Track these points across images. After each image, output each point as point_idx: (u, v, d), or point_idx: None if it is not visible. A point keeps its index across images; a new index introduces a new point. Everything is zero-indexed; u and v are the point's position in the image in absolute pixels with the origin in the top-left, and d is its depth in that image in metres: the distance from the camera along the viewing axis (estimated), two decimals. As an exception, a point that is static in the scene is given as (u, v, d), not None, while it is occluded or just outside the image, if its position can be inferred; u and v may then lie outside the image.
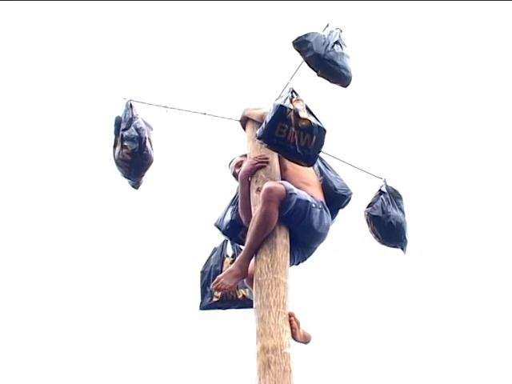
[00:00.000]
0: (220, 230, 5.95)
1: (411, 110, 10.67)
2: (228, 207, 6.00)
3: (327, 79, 5.75)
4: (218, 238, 6.05)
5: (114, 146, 5.89)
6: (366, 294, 9.92)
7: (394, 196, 6.20)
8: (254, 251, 5.27)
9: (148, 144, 5.85)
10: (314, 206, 5.47)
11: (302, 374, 4.98)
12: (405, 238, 6.15)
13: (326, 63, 5.65)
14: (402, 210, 6.18)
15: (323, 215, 5.53)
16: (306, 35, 5.71)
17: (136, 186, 6.02)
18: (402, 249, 6.18)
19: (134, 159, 5.80)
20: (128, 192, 6.10)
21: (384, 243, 6.21)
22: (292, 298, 5.26)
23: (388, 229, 6.09)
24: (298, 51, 5.70)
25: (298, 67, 5.82)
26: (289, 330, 5.00)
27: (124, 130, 5.83)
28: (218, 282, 5.27)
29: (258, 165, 5.61)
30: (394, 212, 6.10)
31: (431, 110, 11.01)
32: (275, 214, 5.29)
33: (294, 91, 5.52)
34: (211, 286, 5.41)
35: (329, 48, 5.65)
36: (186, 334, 9.72)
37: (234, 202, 5.97)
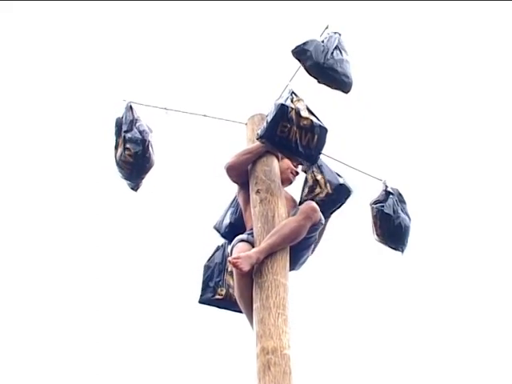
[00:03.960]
0: (219, 232, 5.97)
1: (411, 111, 10.68)
2: (227, 210, 6.01)
3: (328, 86, 5.74)
4: (217, 239, 6.05)
5: (116, 148, 5.89)
6: (366, 295, 9.93)
7: (399, 199, 6.20)
8: (273, 251, 5.25)
9: (150, 147, 5.86)
10: (312, 248, 5.62)
11: (301, 375, 4.98)
12: (407, 241, 6.16)
13: (325, 71, 5.62)
14: (407, 215, 6.20)
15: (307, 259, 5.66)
16: (304, 44, 5.66)
17: (135, 188, 6.03)
18: (402, 251, 6.20)
19: (136, 161, 5.80)
20: (128, 193, 6.11)
21: (386, 243, 6.19)
22: (292, 300, 5.27)
23: (396, 229, 6.08)
24: (298, 60, 5.68)
25: (298, 69, 5.82)
26: (289, 331, 5.00)
27: (126, 131, 5.83)
28: (238, 258, 5.16)
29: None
30: (402, 214, 6.12)
31: (431, 111, 11.02)
32: (306, 231, 5.39)
33: (293, 93, 5.53)
34: (229, 258, 5.29)
35: (328, 56, 5.62)
36: (186, 336, 9.74)
37: (233, 204, 5.98)
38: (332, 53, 5.63)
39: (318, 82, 5.69)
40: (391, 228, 6.09)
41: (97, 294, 10.63)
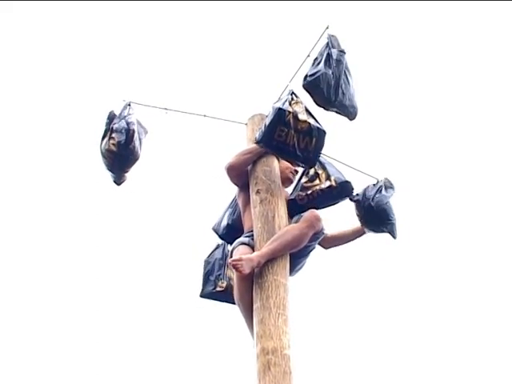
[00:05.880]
0: (217, 234, 5.98)
1: (410, 111, 10.69)
2: (225, 211, 6.02)
3: (336, 113, 5.75)
4: (216, 240, 6.06)
5: (103, 138, 5.89)
6: (365, 294, 9.93)
7: (385, 186, 6.09)
8: (274, 257, 5.25)
9: (136, 140, 5.80)
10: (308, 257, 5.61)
11: (301, 375, 4.99)
12: (390, 220, 5.93)
13: (335, 106, 5.63)
14: (387, 197, 6.01)
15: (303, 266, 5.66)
16: (315, 79, 5.54)
17: (118, 181, 5.97)
18: (390, 232, 5.95)
19: (119, 151, 5.76)
20: (129, 194, 6.11)
21: (372, 229, 5.99)
22: (292, 300, 5.28)
23: (367, 211, 5.92)
24: (308, 93, 5.64)
25: (298, 69, 5.82)
26: (289, 331, 5.00)
27: (115, 123, 5.84)
28: (239, 260, 5.14)
29: None
30: (375, 195, 5.95)
31: (430, 110, 11.02)
32: (308, 239, 5.40)
33: (293, 93, 5.53)
34: (229, 260, 5.29)
35: (339, 92, 5.59)
36: (186, 336, 9.74)
37: (232, 205, 5.99)
38: (341, 86, 5.60)
39: (326, 109, 5.68)
40: (362, 212, 5.94)
41: (97, 293, 10.63)
